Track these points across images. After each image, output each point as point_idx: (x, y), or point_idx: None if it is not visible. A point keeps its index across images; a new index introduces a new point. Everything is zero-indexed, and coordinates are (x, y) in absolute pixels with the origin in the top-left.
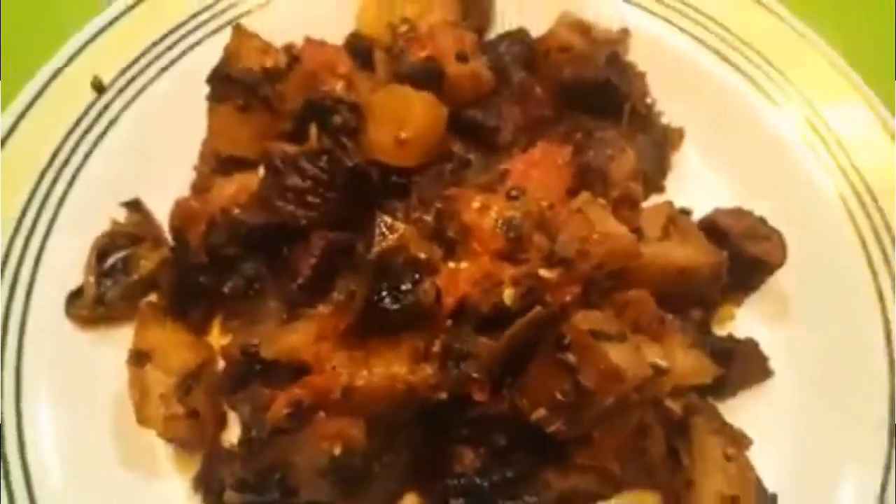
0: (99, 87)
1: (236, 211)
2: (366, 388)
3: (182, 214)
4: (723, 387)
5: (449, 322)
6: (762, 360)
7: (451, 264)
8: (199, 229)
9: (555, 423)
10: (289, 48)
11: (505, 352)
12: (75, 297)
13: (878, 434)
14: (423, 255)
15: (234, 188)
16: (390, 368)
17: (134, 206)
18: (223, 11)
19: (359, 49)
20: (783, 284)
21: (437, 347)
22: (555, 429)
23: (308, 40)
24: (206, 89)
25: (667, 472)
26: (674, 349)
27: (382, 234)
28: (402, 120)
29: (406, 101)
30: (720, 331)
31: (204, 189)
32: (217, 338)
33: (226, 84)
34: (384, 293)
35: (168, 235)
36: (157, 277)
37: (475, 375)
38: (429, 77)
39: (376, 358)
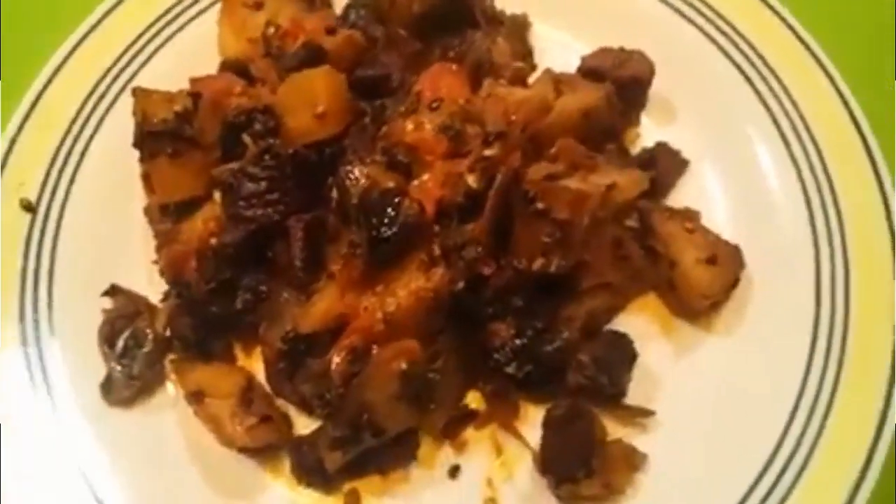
0: (29, 208)
1: (213, 240)
2: (399, 310)
3: (173, 262)
4: (659, 188)
5: (437, 227)
6: (676, 154)
7: (416, 182)
8: (191, 267)
9: (553, 263)
10: (187, 91)
11: (490, 224)
12: (107, 384)
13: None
14: (391, 184)
15: (201, 223)
16: (411, 285)
17: (113, 291)
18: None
19: (236, 71)
20: (663, 94)
21: (437, 251)
22: (555, 267)
23: (195, 79)
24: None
25: (652, 268)
26: (610, 173)
27: (353, 181)
28: (312, 98)
29: (307, 81)
30: (635, 150)
31: (174, 237)
32: (245, 361)
33: (151, 140)
34: (379, 227)
35: (155, 299)
36: (172, 331)
37: (478, 255)
38: (313, 58)
39: (395, 283)
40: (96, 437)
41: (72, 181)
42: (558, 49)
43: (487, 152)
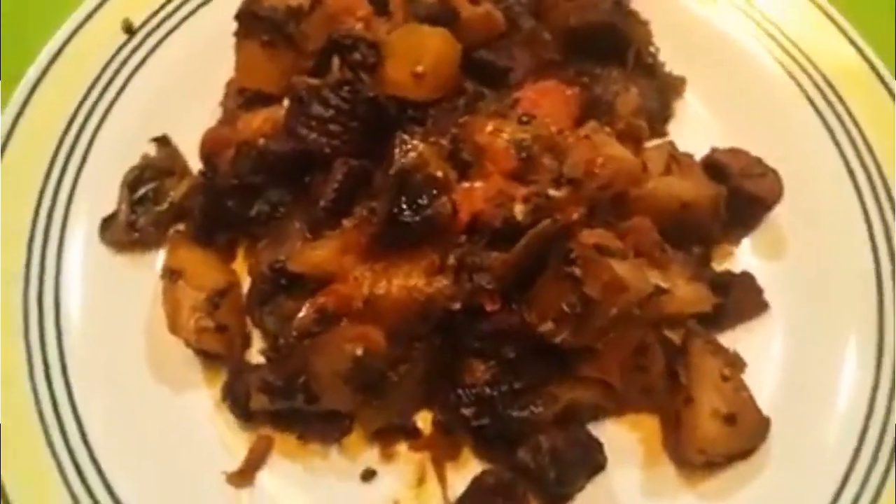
0: (129, 30)
1: (262, 140)
2: (385, 297)
3: (212, 141)
4: (720, 318)
5: (463, 238)
6: (758, 292)
7: (466, 184)
8: (227, 156)
9: (561, 334)
10: None
11: (515, 264)
12: (108, 222)
13: (866, 368)
14: (440, 174)
15: (261, 120)
16: (408, 280)
17: (162, 141)
18: None
19: None
20: (777, 222)
21: (452, 261)
22: (561, 339)
23: None
24: (231, 29)
25: (665, 392)
26: (674, 277)
27: (403, 151)
28: (418, 55)
29: (421, 37)
30: (718, 267)
31: (231, 122)
32: (241, 265)
33: (252, 21)
34: (404, 207)
35: (195, 168)
36: (186, 203)
37: (487, 287)
38: (444, 18)
39: (396, 269)
40: (69, 263)
41: (182, 21)
42: (697, 127)
43: (552, 192)
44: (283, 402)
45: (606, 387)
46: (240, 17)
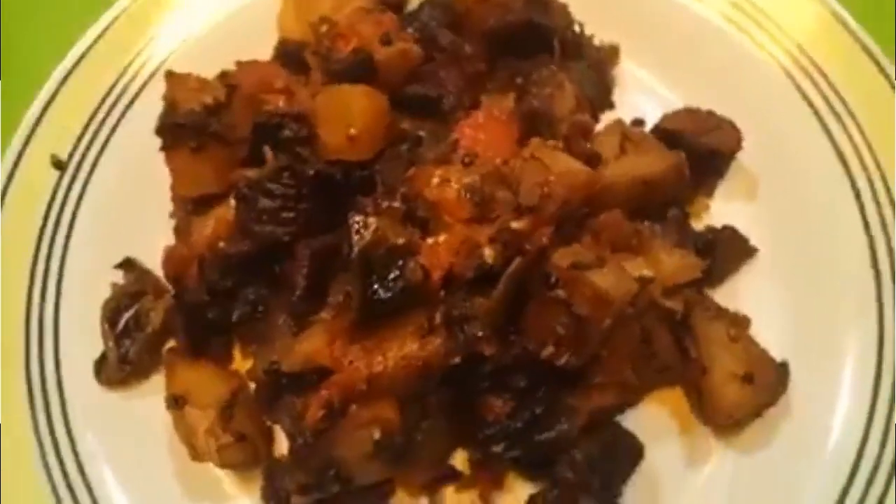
0: (59, 165)
1: (221, 245)
2: (385, 372)
3: (174, 262)
4: (712, 276)
5: (442, 293)
6: (743, 241)
7: (430, 240)
8: (192, 272)
9: (563, 356)
10: (224, 76)
11: (500, 305)
12: (101, 364)
13: (866, 285)
14: (400, 241)
15: (213, 224)
16: (402, 349)
17: (127, 266)
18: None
19: (290, 55)
20: (747, 166)
21: (438, 319)
22: (564, 361)
23: (240, 64)
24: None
25: (679, 368)
26: (657, 255)
27: (358, 232)
28: (347, 118)
29: (345, 99)
30: (698, 224)
31: (186, 231)
32: (241, 363)
33: (174, 131)
34: (376, 286)
35: (162, 282)
36: (170, 324)
37: (480, 334)
38: (360, 68)
39: (387, 343)
40: (83, 411)
41: (105, 145)
42: (642, 93)
43: (514, 224)
44: (321, 493)
45: (623, 385)
46: (161, 131)
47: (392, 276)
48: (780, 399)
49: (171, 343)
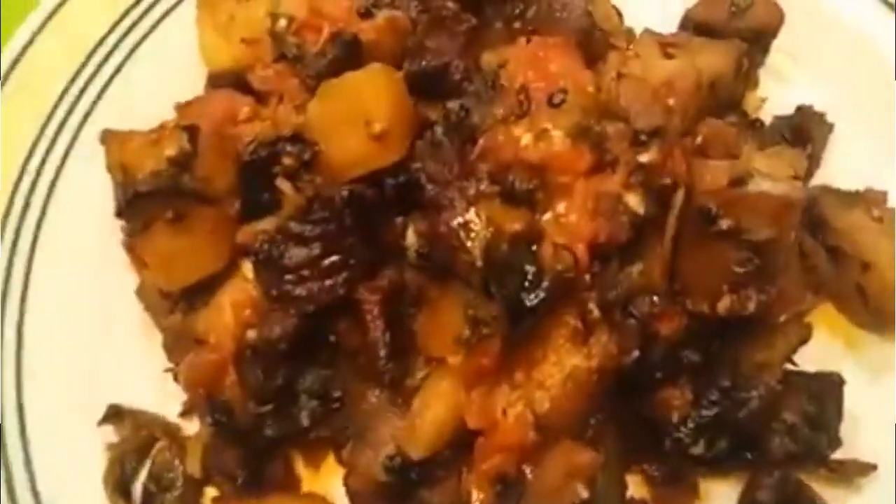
0: None
1: (251, 334)
2: (555, 406)
3: (200, 378)
4: (811, 163)
5: (588, 276)
6: (821, 117)
7: (548, 215)
8: (229, 382)
9: (751, 301)
10: (178, 122)
11: (668, 261)
12: None
13: None
14: (518, 226)
15: (230, 310)
16: (565, 367)
17: (114, 416)
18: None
19: (232, 87)
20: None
21: (595, 313)
22: (754, 304)
23: (185, 105)
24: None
25: (836, 275)
26: (754, 159)
27: (468, 233)
28: (363, 112)
29: (352, 89)
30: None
31: (188, 333)
32: (311, 480)
33: (141, 207)
34: (518, 291)
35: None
36: (213, 465)
37: (654, 309)
38: (350, 54)
39: (542, 367)
40: None
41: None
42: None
43: (643, 158)
44: None
45: (800, 316)
46: (123, 212)
47: (531, 271)
48: None
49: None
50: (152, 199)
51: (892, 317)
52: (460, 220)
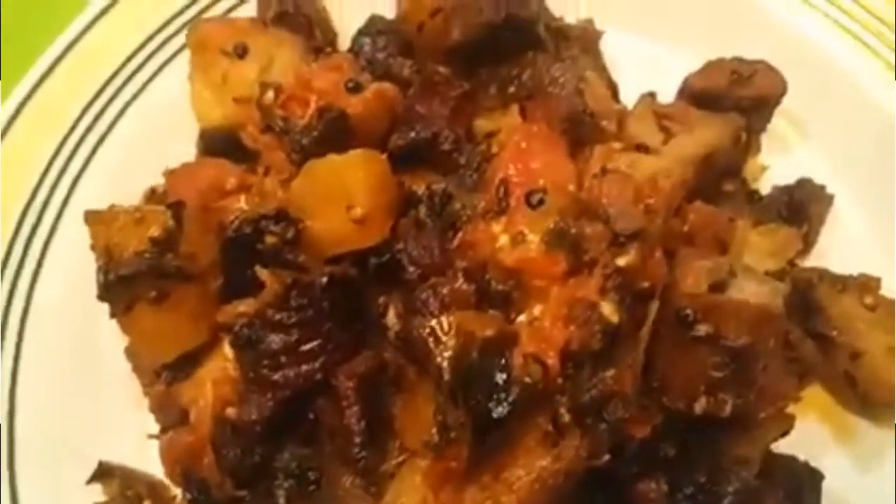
0: None
1: (230, 412)
2: None
3: (178, 457)
4: (808, 241)
5: (560, 380)
6: (820, 190)
7: (522, 318)
8: (207, 461)
9: (727, 404)
10: (155, 195)
11: (639, 369)
12: None
13: None
14: (489, 333)
15: (210, 388)
16: (532, 471)
17: (103, 473)
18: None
19: (218, 144)
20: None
21: (566, 417)
22: (730, 408)
23: (171, 173)
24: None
25: (824, 361)
26: (749, 239)
27: (437, 342)
28: (346, 196)
29: (337, 173)
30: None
31: (171, 406)
32: None
33: (122, 288)
34: (485, 402)
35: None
36: None
37: (627, 415)
38: (336, 131)
39: (511, 469)
40: None
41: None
42: (637, 64)
43: (621, 261)
44: None
45: (782, 409)
46: (106, 293)
47: (499, 381)
48: None
49: None
50: (134, 281)
51: (881, 405)
52: (432, 325)
